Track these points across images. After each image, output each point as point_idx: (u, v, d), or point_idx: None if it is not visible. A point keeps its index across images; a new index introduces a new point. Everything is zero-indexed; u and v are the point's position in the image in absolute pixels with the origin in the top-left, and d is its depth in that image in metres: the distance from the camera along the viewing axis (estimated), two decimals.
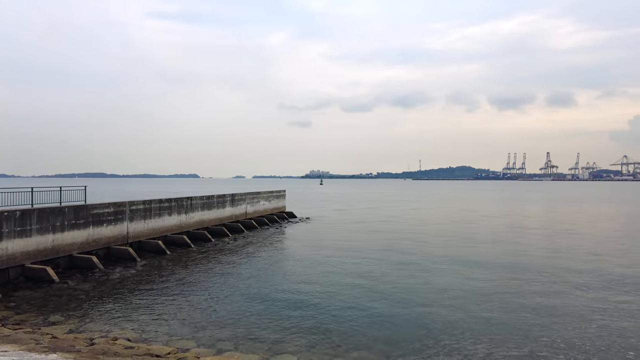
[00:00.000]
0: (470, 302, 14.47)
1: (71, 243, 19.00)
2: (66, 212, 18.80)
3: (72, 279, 16.95)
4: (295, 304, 14.07)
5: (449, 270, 19.24)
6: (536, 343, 10.92)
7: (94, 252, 20.16)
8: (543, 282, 17.30)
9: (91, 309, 13.43)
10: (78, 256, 19.05)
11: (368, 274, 18.42)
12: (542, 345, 10.80)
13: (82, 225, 19.63)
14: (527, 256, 22.98)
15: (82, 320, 12.40)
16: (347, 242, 27.28)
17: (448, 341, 11.02)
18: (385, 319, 12.74)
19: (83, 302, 14.22)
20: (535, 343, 10.92)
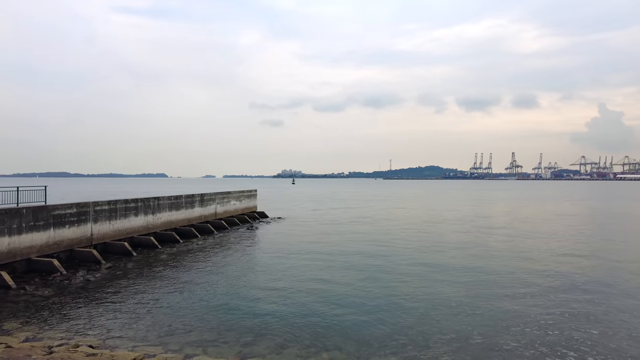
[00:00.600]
0: (437, 304, 14.68)
1: (29, 246, 18.11)
2: (24, 214, 17.89)
3: (30, 284, 16.14)
4: (265, 307, 13.89)
5: (418, 272, 19.43)
6: (502, 346, 11.19)
7: (55, 255, 19.30)
8: (510, 285, 17.77)
9: (51, 315, 12.82)
10: (37, 260, 18.18)
11: (339, 276, 18.37)
12: (510, 347, 11.07)
13: (42, 227, 18.74)
14: (494, 258, 23.54)
15: (41, 327, 11.81)
16: (319, 243, 27.16)
17: (417, 339, 11.14)
18: (356, 320, 12.75)
19: (42, 308, 13.55)
20: (501, 346, 11.19)
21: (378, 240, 28.26)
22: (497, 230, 34.49)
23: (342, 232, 32.25)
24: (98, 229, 22.13)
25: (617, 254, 23.59)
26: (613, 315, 13.14)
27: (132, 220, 24.83)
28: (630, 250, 25.28)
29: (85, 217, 21.31)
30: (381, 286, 16.47)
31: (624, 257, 22.86)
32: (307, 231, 32.91)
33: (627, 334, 11.60)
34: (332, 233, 31.78)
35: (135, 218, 25.18)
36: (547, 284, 16.89)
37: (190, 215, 31.25)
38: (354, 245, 25.93)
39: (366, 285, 16.56)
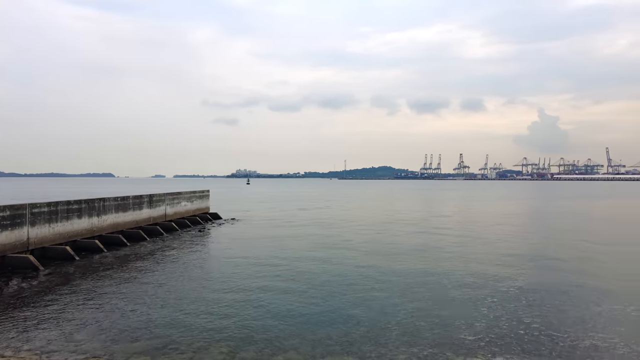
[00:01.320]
0: (392, 303, 14.97)
1: None
2: None
3: None
4: (216, 311, 13.53)
5: (373, 273, 19.74)
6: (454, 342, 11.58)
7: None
8: (459, 283, 18.44)
9: None
10: None
11: (293, 278, 18.21)
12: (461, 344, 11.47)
13: None
14: (445, 260, 24.37)
15: None
16: (274, 245, 26.78)
17: (372, 339, 11.29)
18: (311, 322, 12.72)
19: None
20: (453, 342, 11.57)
21: (334, 243, 27.96)
22: (447, 230, 35.72)
23: (298, 235, 32.01)
24: (36, 232, 20.66)
25: (558, 253, 25.17)
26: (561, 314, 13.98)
27: (74, 223, 23.42)
28: (567, 247, 27.06)
29: (21, 220, 19.82)
30: (335, 290, 16.54)
31: (563, 255, 24.42)
32: (262, 233, 32.50)
33: (575, 333, 12.38)
34: (287, 235, 31.34)
35: (79, 220, 23.77)
36: (495, 283, 17.68)
37: (139, 217, 29.95)
38: (309, 249, 25.61)
39: (324, 286, 16.58)
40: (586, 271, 19.59)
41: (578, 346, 10.89)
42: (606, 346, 10.88)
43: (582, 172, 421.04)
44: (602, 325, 12.37)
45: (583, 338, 11.40)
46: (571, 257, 23.09)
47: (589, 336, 11.53)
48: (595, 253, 24.26)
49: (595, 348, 10.77)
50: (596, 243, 27.93)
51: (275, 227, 36.44)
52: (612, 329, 12.12)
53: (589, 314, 13.37)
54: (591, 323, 12.57)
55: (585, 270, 19.72)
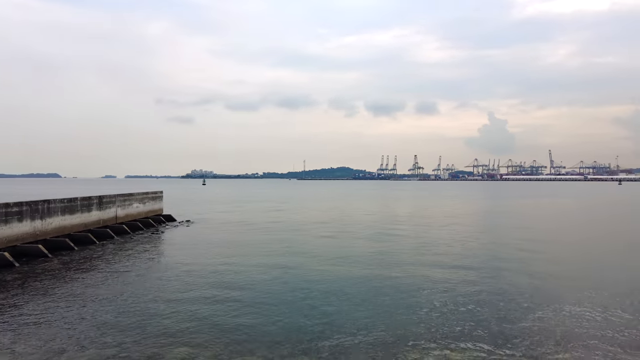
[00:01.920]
0: (349, 303, 15.20)
1: None
2: None
3: None
4: (169, 317, 13.19)
5: (330, 274, 19.90)
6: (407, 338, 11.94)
7: None
8: (413, 279, 19.00)
9: None
10: None
11: (249, 281, 17.93)
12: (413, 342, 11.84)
13: None
14: (401, 264, 25.01)
15: None
16: (228, 250, 26.07)
17: (328, 339, 11.43)
18: (266, 324, 12.70)
19: None
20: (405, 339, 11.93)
21: (291, 245, 27.78)
22: (403, 231, 36.60)
23: (255, 237, 31.56)
24: None
25: (504, 251, 26.51)
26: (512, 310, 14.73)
27: (14, 227, 22.00)
28: (511, 245, 28.56)
29: None
30: (293, 288, 16.59)
31: (509, 254, 25.75)
32: (217, 236, 31.90)
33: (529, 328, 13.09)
34: (243, 239, 30.56)
35: (19, 224, 22.35)
36: (448, 284, 18.35)
37: (87, 220, 28.58)
38: (266, 252, 25.16)
39: (279, 289, 16.56)
40: (531, 270, 20.74)
41: (519, 335, 11.56)
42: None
43: (528, 172, 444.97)
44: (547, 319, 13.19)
45: (521, 325, 12.12)
46: (515, 256, 24.39)
47: (528, 327, 12.27)
48: (538, 252, 25.77)
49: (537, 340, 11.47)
50: (541, 241, 29.67)
51: (230, 229, 35.89)
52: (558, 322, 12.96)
53: (530, 311, 14.19)
54: (530, 318, 13.37)
55: (531, 270, 20.89)
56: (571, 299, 15.17)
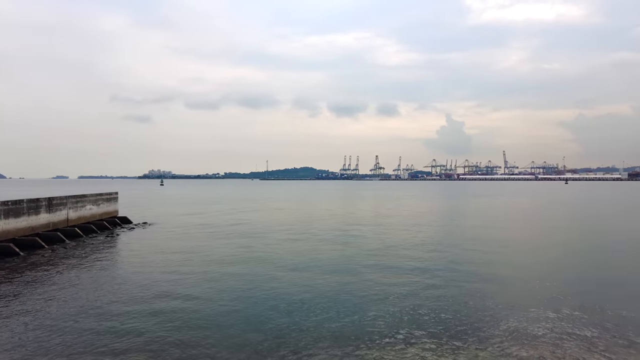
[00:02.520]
0: (309, 314, 15.23)
1: None
2: None
3: None
4: (123, 324, 12.73)
5: (290, 281, 19.75)
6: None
7: None
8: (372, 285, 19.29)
9: None
10: None
11: (198, 290, 17.16)
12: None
13: None
14: (364, 271, 25.31)
15: None
16: (185, 252, 25.20)
17: (288, 341, 11.41)
18: (210, 340, 12.51)
19: None
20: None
21: (251, 249, 27.12)
22: (366, 231, 37.08)
23: (213, 241, 30.69)
24: None
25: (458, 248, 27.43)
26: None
27: None
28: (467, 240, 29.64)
29: None
30: (253, 291, 16.44)
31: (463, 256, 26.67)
32: (174, 239, 31.02)
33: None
34: (201, 241, 29.77)
35: None
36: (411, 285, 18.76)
37: (35, 223, 27.05)
38: (223, 257, 24.12)
39: (237, 293, 16.36)
40: (488, 271, 21.58)
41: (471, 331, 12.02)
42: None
43: (484, 172, 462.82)
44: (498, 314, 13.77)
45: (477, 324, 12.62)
46: (472, 256, 25.31)
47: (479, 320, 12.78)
48: (494, 252, 26.86)
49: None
50: (497, 240, 30.94)
51: (188, 232, 34.96)
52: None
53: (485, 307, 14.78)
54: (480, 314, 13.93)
55: (487, 270, 21.73)
56: (525, 298, 15.91)
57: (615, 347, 11.08)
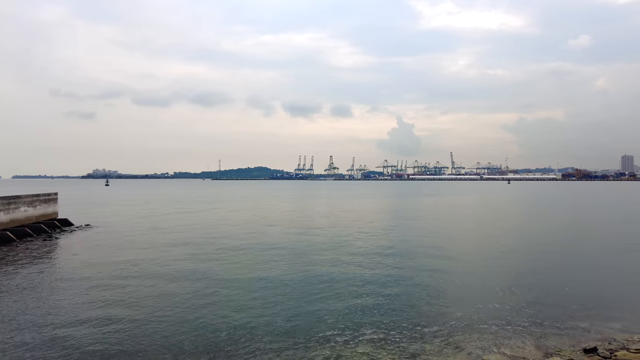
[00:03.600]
0: (255, 307, 15.09)
1: None
2: None
3: None
4: (59, 336, 12.01)
5: (238, 289, 19.47)
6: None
7: None
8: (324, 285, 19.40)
9: None
10: None
11: (140, 298, 16.57)
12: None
13: None
14: (318, 264, 25.39)
15: None
16: (131, 257, 23.65)
17: (238, 343, 11.24)
18: (160, 339, 12.14)
19: None
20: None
21: (201, 252, 25.84)
22: (320, 231, 37.25)
23: (162, 244, 29.22)
24: None
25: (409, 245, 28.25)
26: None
27: None
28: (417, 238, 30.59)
29: None
30: (196, 295, 16.06)
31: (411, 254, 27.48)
32: (118, 243, 29.45)
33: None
34: (148, 245, 28.22)
35: None
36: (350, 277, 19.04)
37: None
38: (169, 261, 22.70)
39: (185, 300, 15.92)
40: (437, 267, 22.36)
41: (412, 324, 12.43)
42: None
43: (432, 173, 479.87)
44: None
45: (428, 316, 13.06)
46: (422, 252, 26.15)
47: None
48: (442, 249, 27.90)
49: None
50: (446, 238, 32.14)
51: (135, 234, 33.48)
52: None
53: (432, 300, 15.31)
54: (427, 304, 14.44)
55: (437, 267, 22.51)
56: (469, 292, 16.65)
57: (549, 335, 11.86)
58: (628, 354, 10.16)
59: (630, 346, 10.92)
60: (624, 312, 13.77)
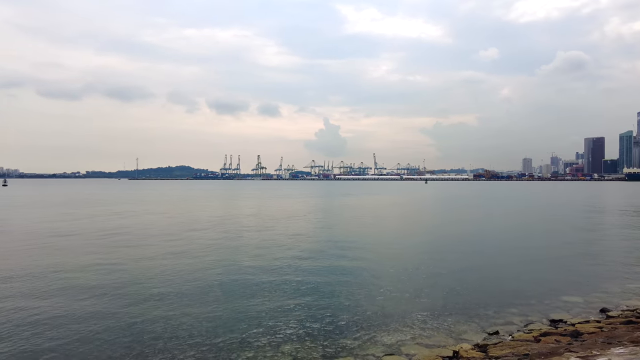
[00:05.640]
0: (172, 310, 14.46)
1: None
2: None
3: None
4: None
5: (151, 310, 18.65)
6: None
7: None
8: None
9: None
10: None
11: (59, 305, 15.52)
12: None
13: None
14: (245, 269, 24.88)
15: None
16: (28, 270, 20.65)
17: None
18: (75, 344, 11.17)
19: None
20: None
21: (109, 261, 24.05)
22: (248, 233, 36.61)
23: (67, 250, 26.69)
24: None
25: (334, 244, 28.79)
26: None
27: None
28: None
29: None
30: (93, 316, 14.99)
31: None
32: (11, 251, 26.56)
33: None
34: (52, 250, 25.86)
35: None
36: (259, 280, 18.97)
37: None
38: (73, 271, 20.84)
39: (72, 319, 14.75)
40: (357, 266, 22.97)
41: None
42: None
43: (357, 173, 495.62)
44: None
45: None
46: (343, 253, 26.79)
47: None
48: (362, 248, 28.79)
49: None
50: (367, 236, 33.23)
51: (33, 241, 30.12)
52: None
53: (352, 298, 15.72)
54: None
55: (356, 266, 23.13)
56: (388, 289, 17.33)
57: (459, 323, 12.73)
58: (523, 335, 11.35)
59: (524, 328, 12.15)
60: (522, 300, 15.21)
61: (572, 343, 9.86)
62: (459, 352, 10.01)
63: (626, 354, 8.01)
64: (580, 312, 13.76)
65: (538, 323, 12.70)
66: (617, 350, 8.42)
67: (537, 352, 9.10)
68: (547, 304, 14.60)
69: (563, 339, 10.42)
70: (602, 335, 10.28)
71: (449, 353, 10.17)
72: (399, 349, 10.87)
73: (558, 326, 12.21)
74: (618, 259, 22.56)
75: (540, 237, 32.07)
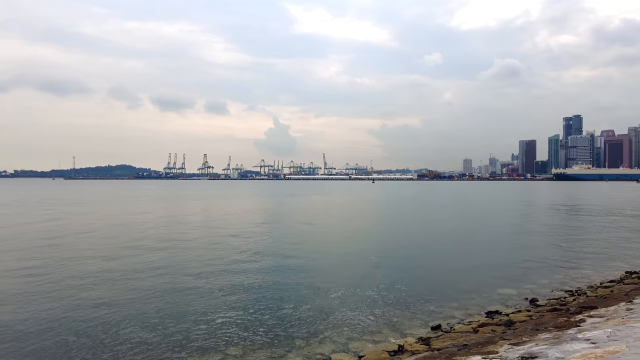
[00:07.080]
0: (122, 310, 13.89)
1: None
2: None
3: None
4: None
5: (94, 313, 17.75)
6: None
7: None
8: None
9: None
10: None
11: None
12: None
13: None
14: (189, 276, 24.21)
15: None
16: None
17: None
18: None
19: None
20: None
21: (47, 264, 22.96)
22: (192, 238, 35.69)
23: (18, 255, 25.31)
24: None
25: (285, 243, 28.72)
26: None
27: None
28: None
29: None
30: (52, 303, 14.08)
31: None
32: None
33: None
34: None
35: None
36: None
37: None
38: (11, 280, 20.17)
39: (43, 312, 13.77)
40: (305, 266, 23.12)
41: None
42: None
43: (307, 172, 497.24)
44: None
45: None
46: (289, 252, 26.85)
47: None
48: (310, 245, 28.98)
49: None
50: (316, 234, 33.46)
51: None
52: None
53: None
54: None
55: (304, 266, 23.27)
56: (334, 288, 17.60)
57: (404, 318, 13.23)
58: (463, 327, 12.03)
59: (463, 320, 12.88)
60: (461, 294, 16.05)
61: (506, 332, 10.61)
62: (404, 345, 10.42)
63: (550, 338, 8.78)
64: (514, 303, 14.78)
65: (476, 315, 13.49)
66: (543, 336, 9.20)
67: (475, 342, 9.70)
68: (484, 297, 15.54)
69: (498, 328, 11.18)
70: (531, 323, 11.14)
71: (394, 347, 10.55)
72: (347, 346, 11.12)
73: (494, 317, 13.04)
74: (547, 253, 24.44)
75: (479, 235, 34.00)
